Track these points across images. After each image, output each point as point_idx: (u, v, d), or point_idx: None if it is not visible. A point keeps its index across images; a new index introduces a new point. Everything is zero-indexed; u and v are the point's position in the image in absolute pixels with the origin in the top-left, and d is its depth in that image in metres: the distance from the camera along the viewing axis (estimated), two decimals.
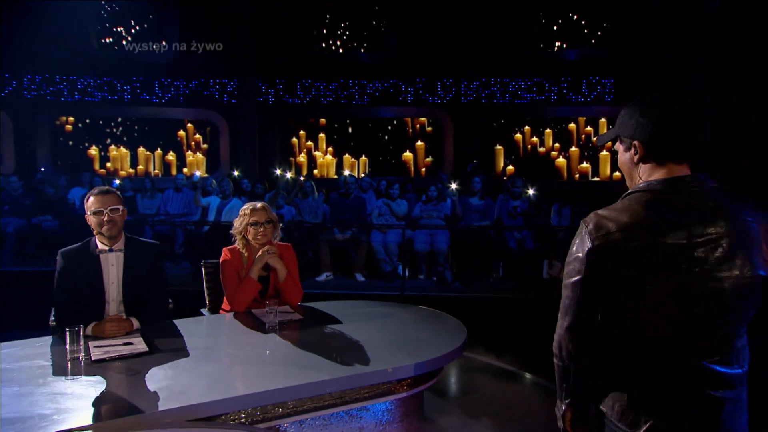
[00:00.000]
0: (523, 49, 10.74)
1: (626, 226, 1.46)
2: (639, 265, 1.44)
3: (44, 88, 11.00)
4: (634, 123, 1.55)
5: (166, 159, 10.97)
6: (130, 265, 2.91)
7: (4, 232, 8.00)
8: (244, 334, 2.79)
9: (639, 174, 1.58)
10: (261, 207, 3.35)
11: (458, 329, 2.88)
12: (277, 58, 10.79)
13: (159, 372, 2.25)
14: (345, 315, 3.12)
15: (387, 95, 11.00)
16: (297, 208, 7.54)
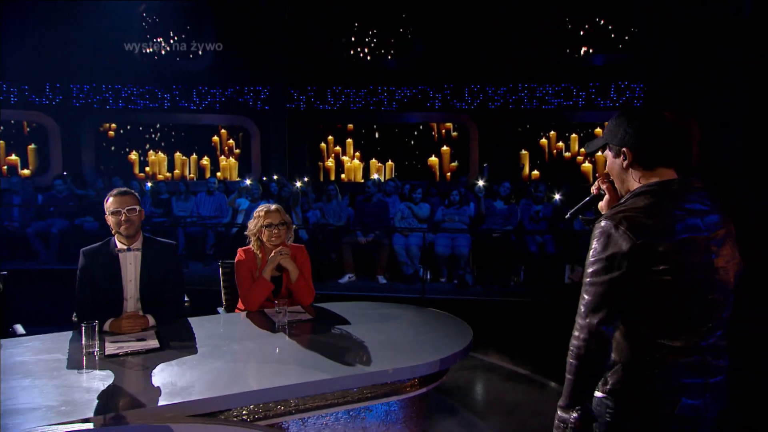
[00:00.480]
0: (550, 54, 10.58)
1: (655, 225, 1.55)
2: (669, 260, 1.53)
3: (91, 96, 11.37)
4: (622, 132, 1.67)
5: (201, 163, 11.20)
6: (147, 264, 2.97)
7: (49, 232, 8.29)
8: (253, 333, 2.81)
9: (632, 178, 1.68)
10: (275, 209, 3.38)
11: (464, 332, 2.84)
12: (307, 66, 10.91)
13: (167, 368, 2.29)
14: (355, 316, 3.11)
15: (413, 101, 10.99)
16: (321, 211, 7.59)
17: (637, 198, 1.62)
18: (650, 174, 1.65)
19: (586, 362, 1.57)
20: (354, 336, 2.76)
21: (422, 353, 2.52)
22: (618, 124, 1.69)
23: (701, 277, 1.57)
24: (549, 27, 10.49)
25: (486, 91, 11.14)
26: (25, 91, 11.14)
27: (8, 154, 11.08)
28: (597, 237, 1.60)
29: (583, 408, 1.58)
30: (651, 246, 1.53)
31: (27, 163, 11.13)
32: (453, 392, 4.19)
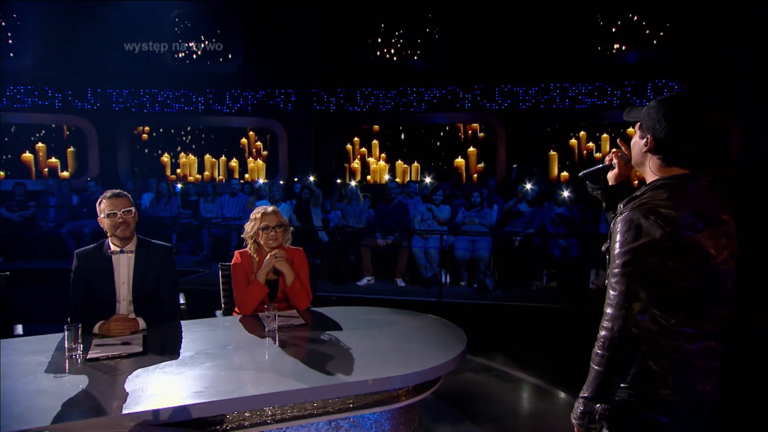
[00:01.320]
0: (582, 52, 10.24)
1: (680, 216, 1.58)
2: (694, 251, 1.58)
3: (129, 101, 11.64)
4: (656, 121, 1.68)
5: (230, 165, 11.32)
6: (140, 267, 2.94)
7: (82, 232, 8.51)
8: (241, 338, 2.74)
9: (649, 165, 1.73)
10: (272, 211, 3.31)
11: (458, 339, 2.70)
12: (333, 68, 10.89)
13: (143, 374, 2.23)
14: (349, 321, 3.01)
15: (443, 102, 10.82)
16: (342, 212, 7.53)
17: (657, 191, 1.65)
18: (666, 169, 1.70)
19: (618, 352, 1.59)
20: (343, 343, 2.65)
21: (410, 361, 2.40)
22: (657, 111, 1.69)
23: (719, 268, 1.62)
24: (580, 25, 10.16)
25: (516, 91, 10.89)
26: (69, 97, 11.49)
27: (49, 157, 11.46)
28: (625, 228, 1.61)
29: (611, 399, 1.61)
30: (679, 236, 1.57)
31: (66, 166, 11.49)
32: (459, 401, 4.04)
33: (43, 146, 11.37)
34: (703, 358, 1.62)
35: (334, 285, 6.96)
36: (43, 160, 11.36)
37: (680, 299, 1.61)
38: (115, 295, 2.90)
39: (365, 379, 2.23)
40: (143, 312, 2.89)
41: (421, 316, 3.17)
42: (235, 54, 11.18)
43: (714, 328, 1.64)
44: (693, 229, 1.58)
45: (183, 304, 3.30)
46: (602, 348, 1.60)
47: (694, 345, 1.61)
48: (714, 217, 1.63)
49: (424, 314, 3.19)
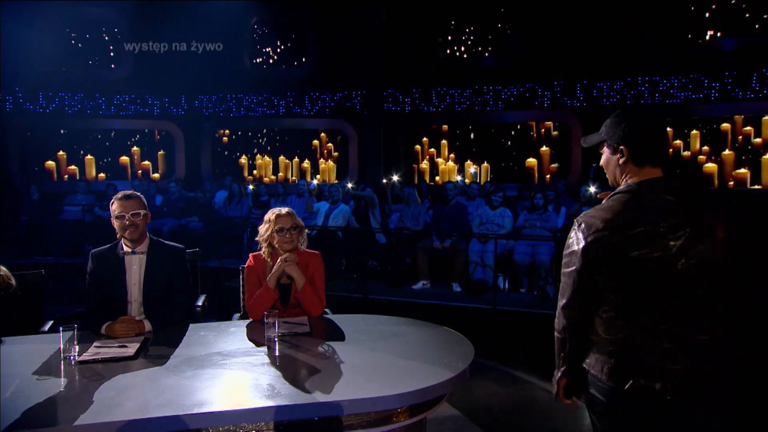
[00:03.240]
0: (670, 41, 9.32)
1: (609, 222, 1.71)
2: (622, 254, 1.68)
3: (217, 106, 12.18)
4: (621, 130, 1.82)
5: (302, 167, 11.50)
6: (152, 268, 2.93)
7: (161, 230, 8.96)
8: (238, 346, 2.63)
9: (626, 173, 1.83)
10: (286, 213, 3.18)
11: (462, 357, 2.42)
12: (403, 68, 10.71)
13: (123, 380, 2.18)
14: (356, 332, 2.82)
15: (518, 100, 10.31)
16: (401, 214, 7.33)
17: (613, 198, 1.80)
18: (638, 171, 1.80)
19: (559, 335, 1.86)
20: (341, 356, 2.47)
21: (404, 380, 2.17)
22: (617, 123, 1.84)
23: (657, 267, 1.67)
24: (669, 11, 9.24)
25: (600, 87, 10.15)
26: (166, 103, 12.22)
27: (143, 160, 12.26)
28: (569, 234, 1.83)
29: (565, 371, 1.87)
30: (602, 241, 1.70)
31: (157, 168, 12.23)
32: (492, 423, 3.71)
33: (137, 150, 12.18)
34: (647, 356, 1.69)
35: (389, 288, 6.78)
36: (138, 162, 12.18)
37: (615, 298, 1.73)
38: (127, 296, 2.90)
39: (345, 399, 2.03)
40: (154, 313, 2.87)
41: (433, 327, 2.91)
42: (308, 57, 11.34)
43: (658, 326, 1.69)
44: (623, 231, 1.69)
45: (199, 306, 3.26)
46: (555, 331, 1.89)
47: (634, 341, 1.71)
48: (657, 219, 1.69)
49: (437, 326, 2.92)
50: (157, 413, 1.87)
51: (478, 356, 3.29)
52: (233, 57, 11.38)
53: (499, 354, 4.98)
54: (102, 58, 11.63)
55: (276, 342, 2.64)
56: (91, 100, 11.80)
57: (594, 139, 1.94)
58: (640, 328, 1.70)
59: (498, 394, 4.21)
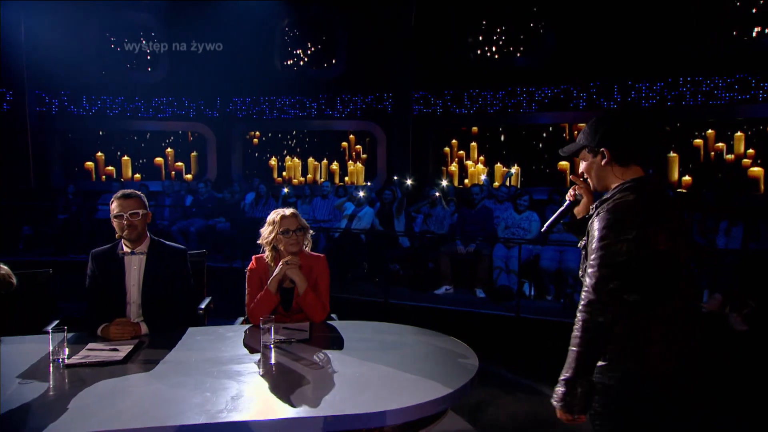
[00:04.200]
0: (714, 39, 8.84)
1: (651, 213, 1.76)
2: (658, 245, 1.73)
3: (250, 108, 12.27)
4: (601, 134, 1.89)
5: (331, 168, 11.44)
6: (151, 269, 2.85)
7: (188, 230, 9.04)
8: (231, 353, 2.52)
9: (612, 174, 1.89)
10: (291, 214, 3.07)
11: (463, 372, 2.24)
12: (434, 69, 10.52)
13: (103, 387, 2.08)
14: (357, 340, 2.67)
15: (548, 101, 9.99)
16: (425, 217, 7.15)
17: (625, 192, 1.82)
18: (625, 171, 1.87)
19: (593, 336, 1.73)
20: (335, 367, 2.32)
21: (397, 395, 2.01)
22: (596, 127, 1.91)
23: (682, 256, 1.78)
24: (711, 6, 8.76)
25: (639, 87, 9.74)
26: (200, 105, 12.38)
27: (176, 161, 12.45)
28: (602, 225, 1.77)
29: (590, 379, 1.74)
30: (648, 231, 1.73)
31: (190, 169, 12.40)
32: None
33: (171, 151, 12.38)
34: (670, 338, 1.77)
35: (411, 292, 6.61)
36: (171, 163, 12.37)
37: (650, 287, 1.76)
38: (126, 297, 2.84)
39: (328, 415, 1.88)
40: (152, 316, 2.79)
41: (439, 337, 2.73)
42: (338, 59, 11.28)
43: (682, 309, 1.79)
44: (659, 224, 1.75)
45: (202, 309, 3.18)
46: (580, 330, 1.74)
47: (663, 327, 1.76)
48: (671, 213, 1.81)
49: (444, 335, 2.75)
50: (127, 425, 1.77)
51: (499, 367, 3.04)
52: (265, 59, 11.42)
53: (521, 366, 4.73)
54: (139, 61, 11.87)
55: (272, 349, 2.52)
56: (131, 102, 12.07)
57: (572, 147, 1.99)
58: (659, 318, 1.77)
59: (520, 410, 3.98)
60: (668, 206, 1.82)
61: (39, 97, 11.56)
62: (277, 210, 3.09)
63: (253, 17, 10.82)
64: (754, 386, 4.17)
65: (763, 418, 3.84)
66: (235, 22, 10.69)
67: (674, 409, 1.81)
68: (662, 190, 1.86)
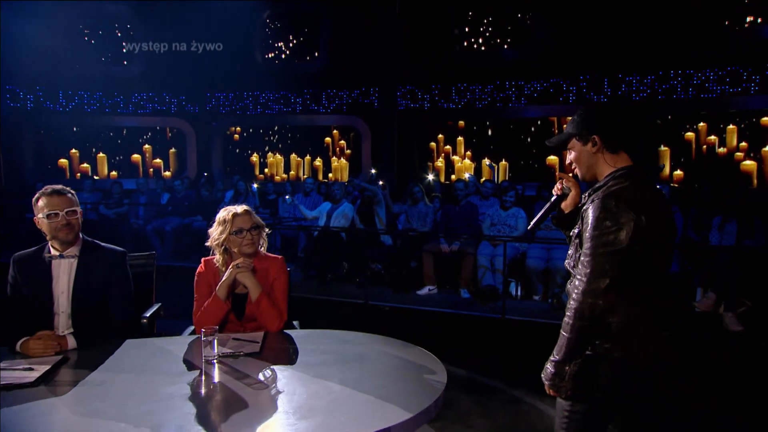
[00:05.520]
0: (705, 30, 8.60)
1: (648, 200, 1.78)
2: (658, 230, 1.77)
3: (231, 103, 11.91)
4: (591, 122, 1.91)
5: (314, 165, 11.12)
6: (83, 274, 2.53)
7: (164, 230, 8.69)
8: (166, 369, 2.20)
9: (603, 161, 1.90)
10: (244, 211, 2.76)
11: (428, 392, 1.94)
12: (418, 62, 10.22)
13: (4, 416, 1.78)
14: (314, 352, 2.36)
15: (537, 95, 9.73)
16: (407, 214, 6.86)
17: (618, 179, 1.82)
18: (616, 157, 1.88)
19: (585, 324, 1.75)
20: (283, 385, 2.02)
21: (348, 420, 1.72)
22: (586, 116, 1.92)
23: (668, 246, 1.84)
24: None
25: (630, 81, 9.51)
26: (183, 101, 12.01)
27: (154, 158, 12.07)
28: (597, 213, 1.76)
29: (579, 362, 1.79)
30: (644, 219, 1.73)
31: (169, 166, 12.02)
32: None
33: (149, 147, 12.00)
34: (651, 324, 1.79)
35: (393, 293, 6.32)
36: (149, 160, 11.99)
37: (644, 275, 1.78)
38: (53, 307, 2.51)
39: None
40: (84, 327, 2.48)
41: (406, 348, 2.43)
42: (320, 52, 10.95)
43: (660, 296, 1.81)
44: (652, 211, 1.75)
45: (146, 317, 2.86)
46: (572, 318, 1.77)
47: (655, 314, 1.79)
48: (662, 201, 1.83)
49: (411, 346, 2.45)
50: None
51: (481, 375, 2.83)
52: (245, 53, 11.06)
53: (505, 372, 4.44)
54: (114, 54, 11.47)
55: (214, 365, 2.21)
56: (109, 98, 11.68)
57: (561, 137, 1.99)
58: (655, 302, 1.80)
59: (501, 423, 3.69)
60: (658, 195, 1.85)
61: (13, 92, 11.15)
62: (228, 207, 2.78)
63: (233, 9, 10.45)
64: (751, 388, 3.92)
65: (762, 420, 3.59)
66: (215, 15, 10.33)
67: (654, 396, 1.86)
68: (651, 179, 1.89)
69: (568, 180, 2.04)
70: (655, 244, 1.76)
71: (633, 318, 1.77)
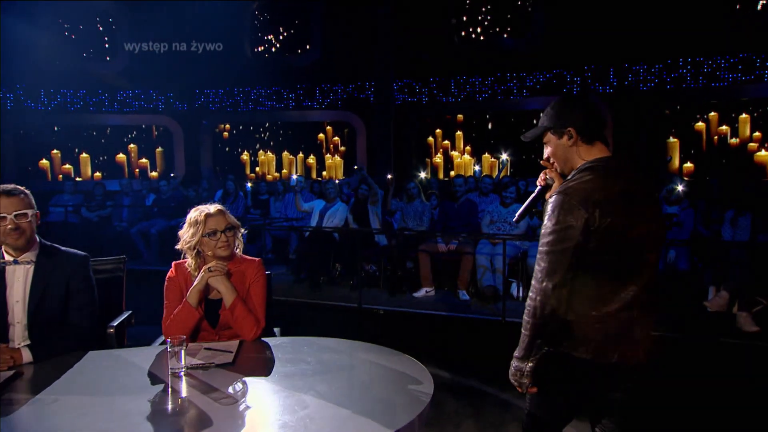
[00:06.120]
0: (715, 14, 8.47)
1: (605, 194, 1.76)
2: (620, 226, 1.76)
3: (221, 99, 11.80)
4: (566, 114, 1.91)
5: (307, 162, 11.01)
6: (41, 282, 2.42)
7: (149, 232, 8.57)
8: (128, 384, 2.09)
9: (577, 155, 1.91)
10: (217, 211, 2.64)
11: (412, 405, 1.83)
12: (415, 55, 10.10)
13: None
14: (293, 362, 2.25)
15: (539, 87, 9.61)
16: (402, 213, 6.75)
17: (583, 173, 1.83)
18: (591, 148, 1.91)
19: (539, 321, 1.79)
20: (252, 400, 1.92)
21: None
22: (560, 109, 1.93)
23: (638, 241, 1.79)
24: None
25: (636, 70, 9.39)
26: (162, 97, 11.89)
27: (140, 158, 11.95)
28: (552, 210, 1.79)
29: (537, 358, 1.84)
30: (600, 215, 1.73)
31: (155, 166, 11.91)
32: None
33: (134, 147, 11.89)
34: (624, 327, 1.79)
35: (388, 296, 6.20)
36: (135, 160, 11.88)
37: (602, 273, 1.77)
38: (7, 317, 2.40)
39: None
40: (42, 339, 2.36)
41: (390, 356, 2.32)
42: (312, 44, 10.83)
43: (636, 297, 1.78)
44: (612, 206, 1.74)
45: (113, 327, 2.75)
46: (528, 315, 1.81)
47: (616, 314, 1.78)
48: (633, 193, 1.80)
49: (397, 353, 2.34)
50: None
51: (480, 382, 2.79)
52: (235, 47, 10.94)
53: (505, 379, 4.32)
54: (97, 50, 11.37)
55: (182, 377, 2.11)
56: (93, 96, 11.58)
57: (536, 131, 2.00)
58: (625, 301, 1.78)
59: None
60: (629, 187, 1.80)
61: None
62: (200, 207, 2.66)
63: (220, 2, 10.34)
64: None
65: None
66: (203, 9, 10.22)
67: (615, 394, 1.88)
68: (626, 170, 1.85)
69: (551, 171, 2.04)
70: (615, 240, 1.74)
71: (589, 316, 1.78)
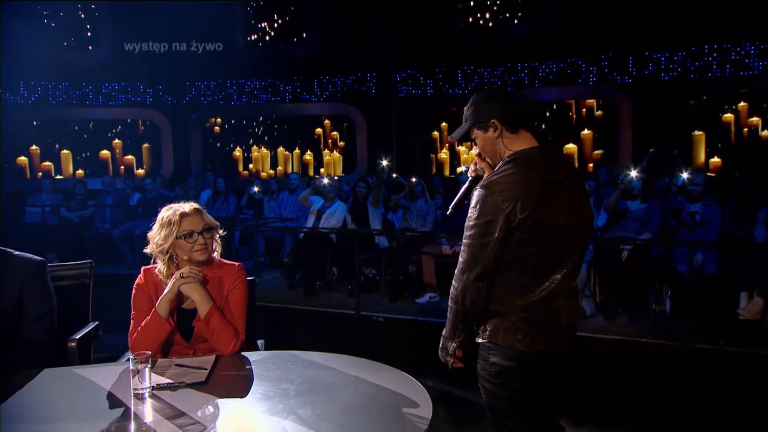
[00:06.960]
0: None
1: (526, 186, 1.87)
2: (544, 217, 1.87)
3: (217, 93, 11.65)
4: (486, 108, 2.01)
5: (304, 159, 10.87)
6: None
7: (133, 234, 8.44)
8: (83, 406, 1.95)
9: (503, 146, 2.01)
10: (193, 210, 2.50)
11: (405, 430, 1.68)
12: (419, 42, 9.93)
13: None
14: (272, 381, 2.10)
15: (553, 77, 9.44)
16: (404, 212, 6.60)
17: (507, 165, 1.95)
18: (516, 138, 2.00)
19: (461, 308, 1.96)
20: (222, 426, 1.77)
21: None
22: (481, 103, 2.03)
23: (562, 229, 1.91)
24: None
25: (658, 59, 9.20)
26: (159, 91, 11.76)
27: (125, 154, 11.81)
28: (474, 203, 1.92)
29: (460, 340, 2.02)
30: (522, 209, 1.84)
31: (142, 163, 11.78)
32: None
33: (119, 143, 11.76)
34: (550, 315, 1.94)
35: (389, 302, 6.06)
36: (120, 157, 11.74)
37: (527, 263, 1.90)
38: None
39: None
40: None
41: (385, 373, 2.16)
42: (309, 33, 10.69)
43: (560, 286, 1.93)
44: (534, 198, 1.86)
45: (75, 340, 2.60)
46: (451, 301, 2.01)
47: (541, 303, 1.92)
48: (556, 182, 1.92)
49: (393, 370, 2.18)
50: None
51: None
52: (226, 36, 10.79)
53: None
54: (78, 39, 11.25)
55: (146, 399, 1.96)
56: (77, 88, 11.46)
57: (461, 129, 2.08)
58: (549, 290, 1.92)
59: None
60: (553, 178, 1.91)
61: None
62: (173, 206, 2.52)
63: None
64: None
65: None
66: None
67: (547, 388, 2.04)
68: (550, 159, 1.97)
69: (480, 161, 2.11)
70: (539, 232, 1.86)
71: (514, 305, 1.91)
